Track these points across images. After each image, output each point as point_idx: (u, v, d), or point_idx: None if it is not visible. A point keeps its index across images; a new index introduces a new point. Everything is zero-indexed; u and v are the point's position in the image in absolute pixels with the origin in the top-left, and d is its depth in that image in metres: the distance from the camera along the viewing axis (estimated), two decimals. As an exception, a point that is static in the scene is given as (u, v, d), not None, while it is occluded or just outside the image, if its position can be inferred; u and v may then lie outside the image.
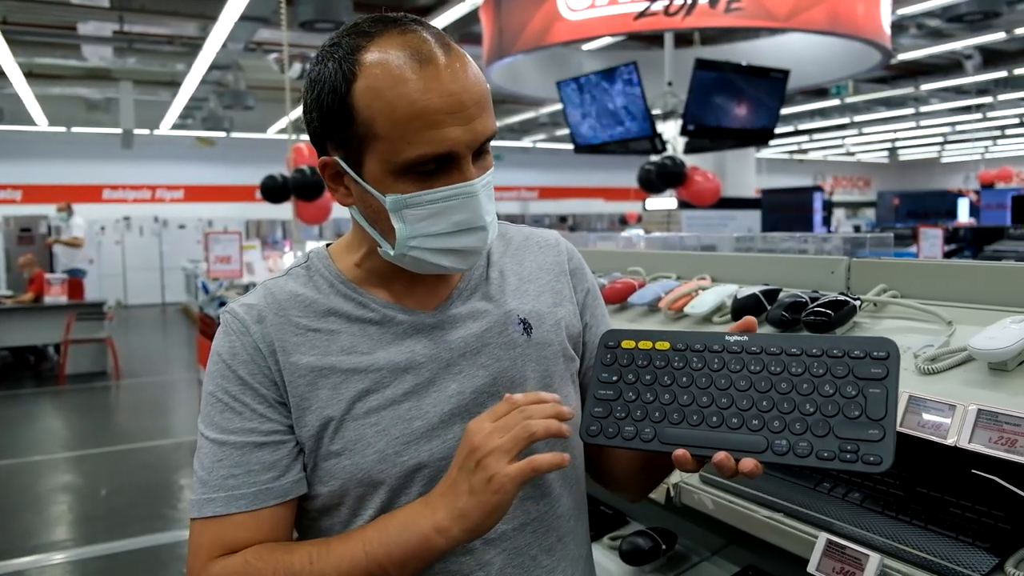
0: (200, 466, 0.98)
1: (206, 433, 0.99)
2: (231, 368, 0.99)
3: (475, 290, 1.07)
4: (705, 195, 7.73)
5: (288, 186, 5.83)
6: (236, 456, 0.96)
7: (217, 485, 0.96)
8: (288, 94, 6.43)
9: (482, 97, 0.93)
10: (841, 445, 0.80)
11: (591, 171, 22.45)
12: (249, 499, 0.95)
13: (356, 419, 0.97)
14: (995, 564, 1.02)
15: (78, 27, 10.00)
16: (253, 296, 1.04)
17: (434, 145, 0.89)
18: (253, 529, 0.96)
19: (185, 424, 7.00)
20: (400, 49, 0.90)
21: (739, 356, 0.91)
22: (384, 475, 0.97)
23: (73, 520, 4.83)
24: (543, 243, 1.18)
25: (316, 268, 1.06)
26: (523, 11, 7.60)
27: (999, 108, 17.26)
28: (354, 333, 1.01)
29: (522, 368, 1.05)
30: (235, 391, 0.98)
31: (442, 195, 0.93)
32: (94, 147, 17.55)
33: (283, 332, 1.00)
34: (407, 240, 0.95)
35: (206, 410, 1.00)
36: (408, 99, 0.88)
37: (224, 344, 1.00)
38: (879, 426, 0.80)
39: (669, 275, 2.17)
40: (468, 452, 0.87)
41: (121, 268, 17.38)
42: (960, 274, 1.50)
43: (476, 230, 0.96)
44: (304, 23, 8.22)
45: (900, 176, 28.43)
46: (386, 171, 0.92)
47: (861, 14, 7.18)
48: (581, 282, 1.18)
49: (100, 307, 9.33)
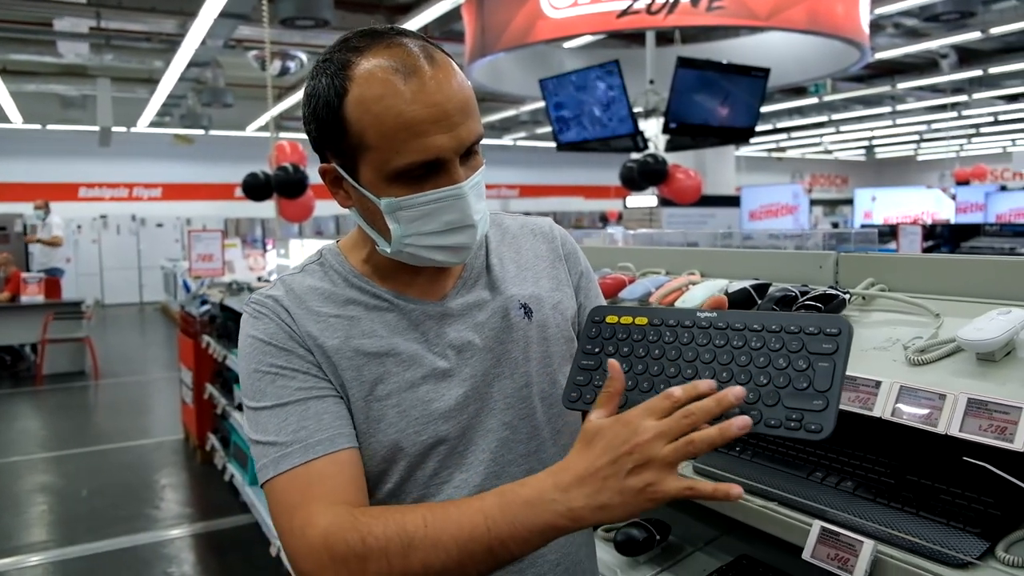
0: (263, 434, 0.99)
1: (261, 404, 1.01)
2: (271, 343, 1.03)
3: (478, 279, 1.16)
4: (687, 193, 7.78)
5: (271, 184, 5.80)
6: (301, 411, 0.99)
7: (289, 440, 0.97)
8: (270, 91, 6.40)
9: (465, 104, 0.99)
10: (787, 415, 0.86)
11: (571, 169, 22.49)
12: (325, 444, 0.97)
13: (379, 399, 1.04)
14: (986, 548, 1.04)
15: (54, 23, 9.89)
16: (273, 290, 1.09)
17: (421, 153, 0.96)
18: (336, 474, 0.96)
19: (165, 423, 6.95)
20: (386, 62, 0.96)
21: (707, 331, 0.97)
22: (404, 451, 1.04)
23: (53, 521, 4.79)
24: (537, 231, 1.26)
25: (330, 263, 1.13)
26: (506, 9, 7.61)
27: (974, 106, 17.50)
28: (373, 320, 1.07)
29: (524, 349, 1.13)
30: (281, 362, 1.02)
31: (432, 198, 1.00)
32: (70, 145, 17.35)
33: (305, 320, 1.05)
34: (402, 239, 1.02)
35: (254, 387, 1.02)
36: (395, 111, 0.95)
37: (258, 327, 1.05)
38: (823, 397, 0.85)
39: (658, 271, 2.19)
40: (627, 450, 0.83)
41: (98, 267, 17.21)
42: (945, 268, 1.53)
43: (465, 228, 1.02)
44: (285, 20, 8.19)
45: (877, 174, 28.73)
46: (379, 177, 0.99)
47: (840, 13, 7.25)
48: (575, 265, 1.27)
49: (78, 306, 9.24)
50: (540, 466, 1.08)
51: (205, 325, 5.59)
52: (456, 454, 1.07)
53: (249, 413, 1.03)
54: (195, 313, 5.78)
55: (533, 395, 1.13)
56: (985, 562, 1.03)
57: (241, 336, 1.07)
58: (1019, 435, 1.04)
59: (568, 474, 0.86)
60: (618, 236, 5.92)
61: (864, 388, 1.23)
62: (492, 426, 1.09)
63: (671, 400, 0.85)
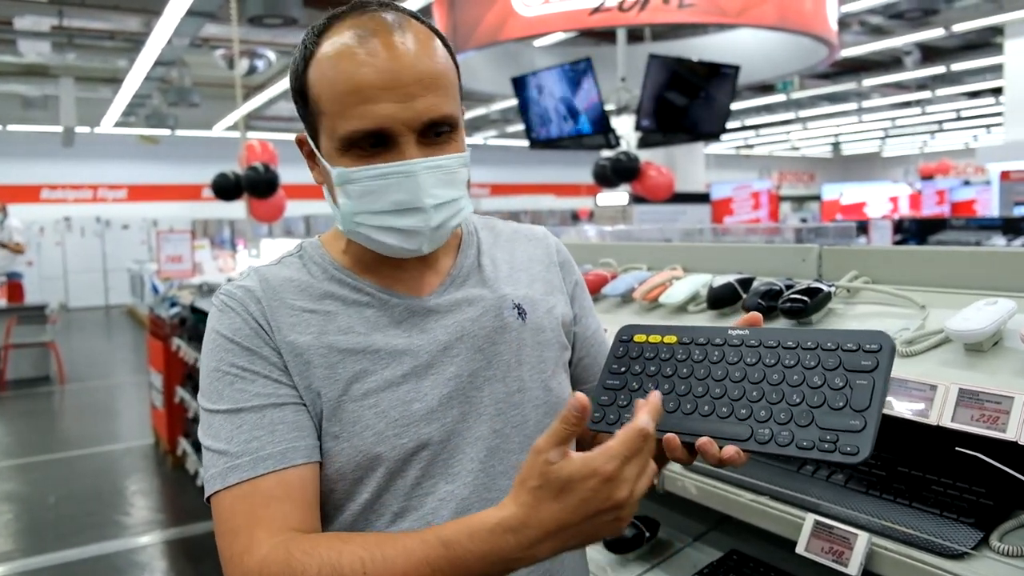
0: (214, 440, 0.94)
1: (216, 407, 0.95)
2: (234, 342, 0.97)
3: (468, 276, 1.09)
4: (659, 190, 7.80)
5: (241, 184, 5.72)
6: (256, 419, 0.93)
7: (240, 451, 0.92)
8: (239, 91, 6.31)
9: (430, 76, 0.93)
10: (821, 435, 0.81)
11: (542, 167, 22.50)
12: (276, 458, 0.92)
13: (354, 400, 0.96)
14: (980, 538, 1.04)
15: (14, 22, 9.68)
16: (246, 280, 1.03)
17: (366, 120, 0.91)
18: (283, 497, 0.90)
19: (134, 428, 6.84)
20: (352, 28, 0.93)
21: (738, 349, 0.92)
22: (383, 457, 0.96)
23: (21, 529, 4.68)
24: (532, 236, 1.21)
25: (309, 255, 1.07)
26: (477, 7, 7.58)
27: (937, 103, 17.80)
28: (351, 315, 1.01)
29: (517, 352, 1.06)
30: (243, 363, 0.96)
31: (378, 172, 0.94)
32: (31, 146, 17.01)
33: (278, 313, 0.99)
34: (352, 215, 0.97)
35: (212, 387, 0.96)
36: (346, 74, 0.91)
37: (223, 322, 0.99)
38: (861, 416, 0.80)
39: (640, 266, 2.18)
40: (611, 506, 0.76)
41: (62, 270, 16.89)
42: (928, 260, 1.54)
43: (414, 211, 0.96)
44: (253, 18, 8.07)
45: (843, 170, 29.11)
46: (332, 147, 0.95)
47: (809, 10, 7.32)
48: (570, 274, 1.21)
49: (42, 310, 9.05)
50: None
51: (175, 327, 5.50)
52: (440, 462, 0.99)
53: (204, 414, 0.97)
54: (164, 315, 5.69)
55: (526, 401, 1.05)
56: (980, 552, 1.03)
57: (207, 329, 1.01)
58: (1011, 424, 1.05)
59: (533, 531, 0.78)
60: (591, 233, 5.93)
61: (854, 380, 1.23)
62: (481, 433, 1.01)
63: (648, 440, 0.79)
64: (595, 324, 1.24)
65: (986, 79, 15.04)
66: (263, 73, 12.18)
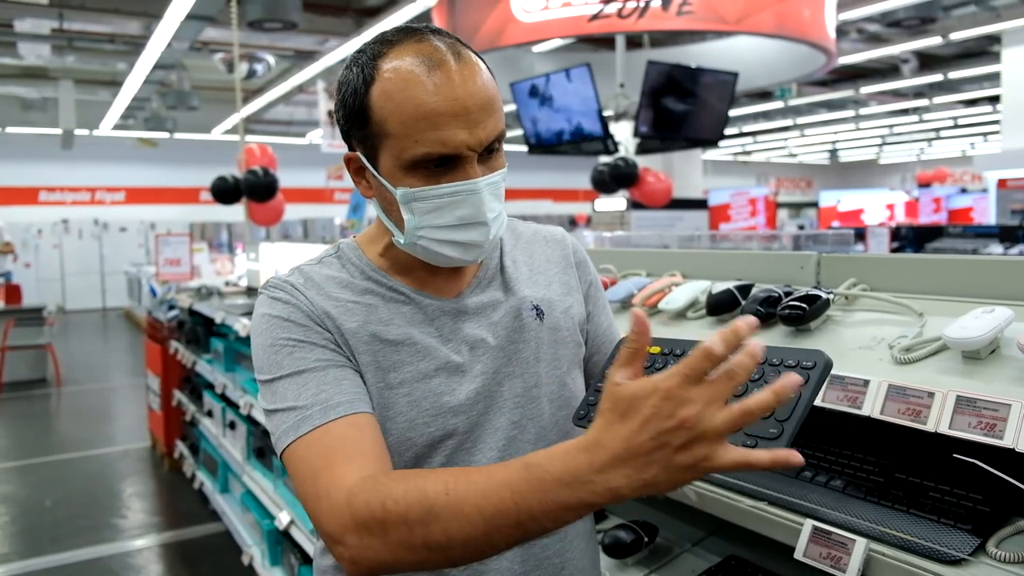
0: (281, 402, 0.98)
1: (277, 375, 1.00)
2: (289, 320, 1.03)
3: (492, 279, 1.17)
4: (657, 196, 7.82)
5: (240, 187, 5.72)
6: (321, 376, 0.99)
7: (309, 403, 0.97)
8: (239, 94, 6.31)
9: (488, 102, 1.01)
10: (744, 440, 0.84)
11: (540, 172, 22.53)
12: (345, 405, 0.97)
13: (391, 388, 1.05)
14: (977, 545, 1.05)
15: (15, 24, 9.69)
16: (291, 276, 1.10)
17: (438, 146, 0.98)
18: (358, 437, 0.95)
19: (131, 431, 6.83)
20: (413, 56, 0.99)
21: None
22: (411, 442, 1.05)
23: (16, 532, 4.67)
24: (550, 238, 1.29)
25: (347, 256, 1.14)
26: (477, 13, 7.60)
27: (934, 111, 17.84)
28: (390, 310, 1.09)
29: (536, 350, 1.14)
30: (299, 335, 1.02)
31: (447, 191, 1.01)
32: (30, 148, 17.01)
33: (324, 303, 1.06)
34: (415, 230, 1.04)
35: (270, 360, 1.01)
36: (416, 101, 0.97)
37: (275, 307, 1.05)
38: (780, 425, 0.83)
39: (639, 272, 2.19)
40: (675, 426, 0.73)
41: (59, 272, 16.88)
42: (926, 268, 1.55)
43: (478, 225, 1.04)
44: (252, 22, 8.10)
45: (841, 177, 29.17)
46: (397, 167, 1.01)
47: (807, 18, 7.35)
48: (585, 274, 1.28)
49: (39, 312, 9.04)
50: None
51: (173, 330, 5.50)
52: (463, 450, 1.07)
53: (264, 388, 1.02)
54: (162, 318, 5.68)
55: (542, 396, 1.14)
56: (977, 558, 1.03)
57: (255, 317, 1.07)
58: (1008, 431, 1.06)
59: (604, 453, 0.77)
60: (590, 239, 5.94)
61: (852, 387, 1.24)
62: (500, 424, 1.10)
63: (711, 360, 0.74)
64: (607, 322, 1.30)
65: (983, 87, 15.10)
66: (262, 77, 12.21)
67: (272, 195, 5.78)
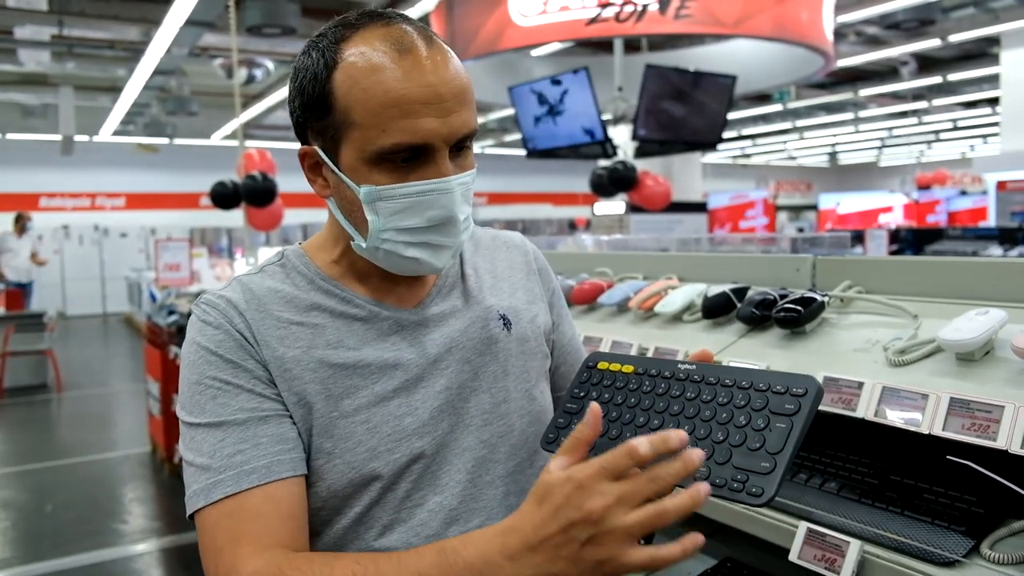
0: (197, 455, 0.91)
1: (197, 421, 0.92)
2: (216, 354, 0.94)
3: (453, 287, 1.09)
4: (656, 199, 7.83)
5: (239, 192, 5.74)
6: (240, 432, 0.91)
7: (223, 465, 0.89)
8: (237, 100, 6.33)
9: (461, 91, 0.93)
10: (733, 475, 0.81)
11: (539, 176, 22.54)
12: (261, 472, 0.89)
13: (346, 416, 0.95)
14: (971, 546, 1.05)
15: (14, 31, 9.70)
16: (228, 291, 1.00)
17: (408, 134, 0.90)
18: (270, 512, 0.88)
19: (131, 436, 6.83)
20: (381, 40, 0.91)
21: (683, 383, 0.94)
22: (377, 472, 0.96)
23: (17, 537, 4.67)
24: (510, 243, 1.22)
25: (293, 264, 1.04)
26: (475, 17, 7.61)
27: (934, 113, 17.84)
28: (339, 328, 0.99)
29: (504, 363, 1.07)
30: (226, 375, 0.93)
31: (416, 189, 0.93)
32: (31, 154, 17.03)
33: (264, 325, 0.96)
34: (379, 233, 0.95)
35: (192, 400, 0.93)
36: (385, 87, 0.89)
37: (206, 332, 0.96)
38: (772, 459, 0.81)
39: (636, 275, 2.19)
40: (581, 519, 0.72)
41: (60, 278, 16.87)
42: (920, 270, 1.55)
43: (449, 227, 0.96)
44: (251, 28, 8.11)
45: (840, 180, 29.17)
46: (361, 160, 0.92)
47: (805, 21, 7.36)
48: (547, 282, 1.22)
49: (40, 318, 9.04)
50: (518, 488, 1.05)
51: (172, 335, 5.50)
52: (430, 473, 0.98)
53: (184, 428, 0.94)
54: (162, 323, 5.69)
55: (512, 412, 1.06)
56: (971, 560, 1.04)
57: (186, 339, 0.98)
58: (1002, 433, 1.06)
59: (516, 538, 0.76)
60: (588, 242, 5.95)
61: (847, 389, 1.25)
62: (468, 443, 1.01)
63: (633, 459, 0.73)
64: (571, 332, 1.25)
65: (983, 89, 15.10)
66: (261, 82, 12.21)
67: (271, 200, 5.79)
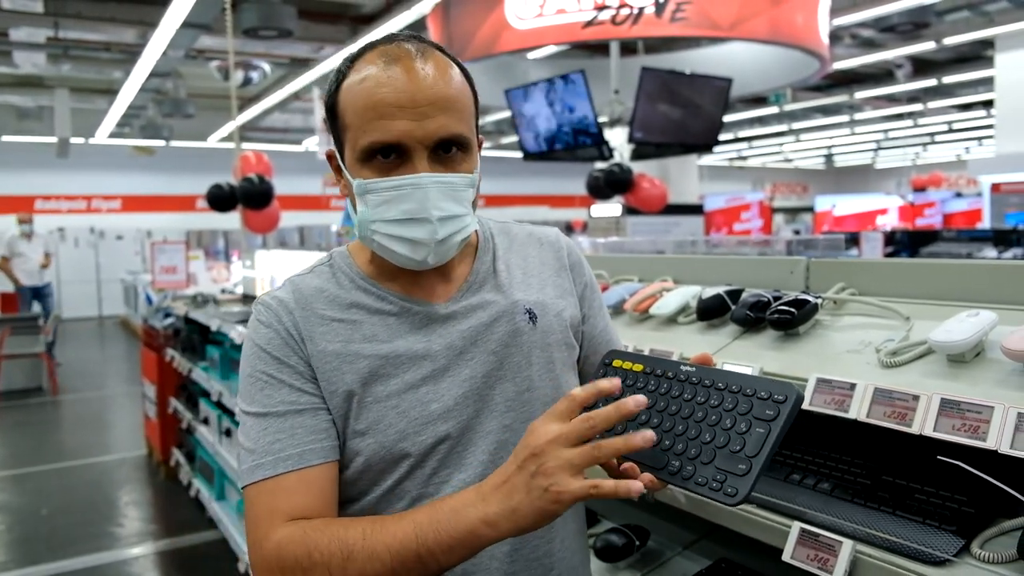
0: (246, 439, 1.06)
1: (248, 410, 1.07)
2: (266, 351, 1.08)
3: (484, 282, 1.18)
4: (652, 201, 7.84)
5: (235, 195, 5.73)
6: (279, 424, 1.04)
7: (264, 451, 1.03)
8: (234, 102, 6.32)
9: (443, 99, 1.03)
10: (714, 474, 0.86)
11: (536, 178, 22.56)
12: (295, 459, 1.03)
13: (379, 401, 1.07)
14: (962, 546, 1.06)
15: (10, 33, 9.69)
16: (281, 291, 1.14)
17: (382, 133, 1.01)
18: (302, 491, 1.02)
19: (127, 439, 6.82)
20: (379, 55, 1.05)
21: (682, 384, 0.98)
22: (406, 451, 1.07)
23: (13, 541, 4.67)
24: (544, 240, 1.29)
25: (338, 265, 1.17)
26: (472, 20, 7.63)
27: (929, 115, 17.90)
28: (375, 323, 1.11)
29: (528, 354, 1.15)
30: (272, 370, 1.07)
31: (392, 184, 1.04)
32: (26, 156, 17.00)
33: (310, 323, 1.10)
34: (368, 223, 1.06)
35: (246, 391, 1.08)
36: (367, 92, 1.02)
37: (259, 332, 1.10)
38: (749, 462, 0.85)
39: (631, 277, 2.20)
40: (530, 454, 0.88)
41: (55, 280, 16.83)
42: (913, 272, 1.56)
43: (422, 221, 1.04)
44: (248, 30, 8.12)
45: (836, 182, 29.23)
46: (354, 159, 1.05)
47: (800, 24, 7.38)
48: (580, 276, 1.29)
49: (35, 320, 9.03)
50: None
51: (169, 338, 5.50)
52: (455, 453, 1.09)
53: (239, 414, 1.09)
54: (159, 326, 5.69)
55: (535, 399, 1.14)
56: (961, 559, 1.05)
57: (246, 336, 1.13)
58: (991, 433, 1.07)
59: (488, 483, 0.92)
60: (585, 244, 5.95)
61: (839, 390, 1.25)
62: (491, 427, 1.11)
63: (571, 401, 0.90)
64: (603, 323, 1.31)
65: (977, 92, 15.15)
66: (258, 85, 12.22)
67: (268, 202, 5.78)
